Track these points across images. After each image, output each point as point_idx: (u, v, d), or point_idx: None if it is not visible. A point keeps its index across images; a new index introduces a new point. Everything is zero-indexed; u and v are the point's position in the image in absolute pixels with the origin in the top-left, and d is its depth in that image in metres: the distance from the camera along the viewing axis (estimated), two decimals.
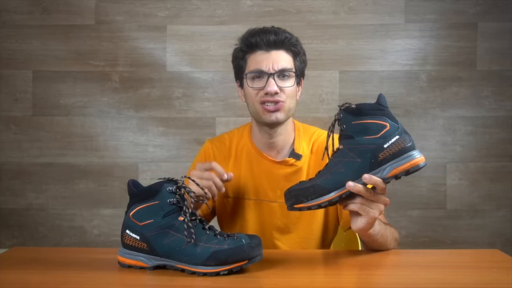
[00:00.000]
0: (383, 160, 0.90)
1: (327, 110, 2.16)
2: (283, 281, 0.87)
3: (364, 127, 0.92)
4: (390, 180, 0.91)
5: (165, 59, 2.18)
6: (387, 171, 0.90)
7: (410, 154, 0.90)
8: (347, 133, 0.94)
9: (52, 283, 0.86)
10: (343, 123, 0.95)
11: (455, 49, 2.14)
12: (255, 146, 1.28)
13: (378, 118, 0.92)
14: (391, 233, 1.11)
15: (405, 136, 0.91)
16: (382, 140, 0.90)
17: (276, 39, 1.19)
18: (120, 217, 0.95)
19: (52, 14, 2.17)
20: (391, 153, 0.90)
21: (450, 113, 2.15)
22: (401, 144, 0.90)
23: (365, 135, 0.91)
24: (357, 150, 0.91)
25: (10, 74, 2.19)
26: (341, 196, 0.91)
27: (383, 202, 0.94)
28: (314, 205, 0.92)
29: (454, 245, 2.14)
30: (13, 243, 2.18)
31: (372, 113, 0.93)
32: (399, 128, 0.91)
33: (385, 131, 0.91)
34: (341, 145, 0.94)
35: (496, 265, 0.95)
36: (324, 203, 0.91)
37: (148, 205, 0.91)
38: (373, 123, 0.92)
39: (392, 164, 0.90)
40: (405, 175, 0.91)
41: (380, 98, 0.95)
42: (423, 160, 0.91)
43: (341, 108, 0.95)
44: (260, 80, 1.19)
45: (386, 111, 0.93)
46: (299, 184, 0.95)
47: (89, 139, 2.19)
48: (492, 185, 2.15)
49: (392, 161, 0.90)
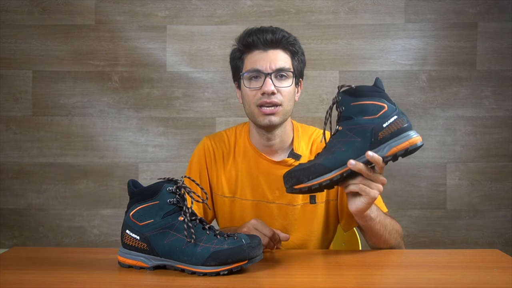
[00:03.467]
0: (383, 139, 0.92)
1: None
2: (283, 281, 0.87)
3: (363, 108, 0.94)
4: (389, 160, 0.92)
5: (165, 59, 2.18)
6: (386, 149, 0.91)
7: (408, 134, 0.92)
8: (346, 115, 0.96)
9: (52, 283, 0.86)
10: (342, 105, 0.97)
11: (455, 49, 2.14)
12: (253, 145, 1.27)
13: (376, 99, 0.94)
14: (391, 224, 1.11)
15: (402, 117, 0.93)
16: (381, 120, 0.93)
17: (273, 38, 1.17)
18: (120, 217, 0.95)
19: (52, 14, 2.18)
20: (389, 132, 0.92)
21: (450, 113, 2.15)
22: (399, 124, 0.92)
23: (364, 115, 0.94)
24: (356, 130, 0.93)
25: (10, 74, 2.19)
26: (342, 175, 0.92)
27: (381, 182, 0.95)
28: (315, 184, 0.92)
29: (454, 245, 2.14)
30: (13, 243, 2.18)
31: (370, 94, 0.95)
32: (396, 109, 0.94)
33: (384, 111, 0.93)
34: (340, 126, 0.96)
35: (496, 265, 0.95)
36: (326, 182, 0.92)
37: (148, 205, 0.91)
38: (371, 104, 0.94)
39: (391, 143, 0.91)
40: (403, 155, 0.92)
41: (377, 81, 0.97)
42: (420, 139, 0.92)
43: (340, 90, 0.97)
44: (257, 80, 1.18)
45: (383, 93, 0.96)
46: (299, 166, 0.95)
47: (89, 139, 2.19)
48: (492, 185, 2.15)
49: (391, 140, 0.92)
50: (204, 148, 1.30)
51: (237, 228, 1.14)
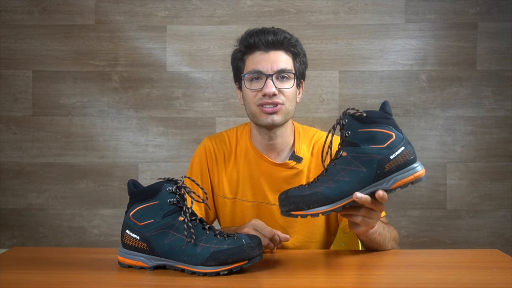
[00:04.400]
0: (389, 171, 0.89)
1: (327, 110, 2.16)
2: (283, 281, 0.87)
3: (371, 136, 0.90)
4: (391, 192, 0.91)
5: (165, 59, 2.18)
6: (391, 182, 0.89)
7: (414, 167, 0.90)
8: (351, 140, 0.91)
9: (52, 283, 0.86)
10: (348, 129, 0.92)
11: (455, 49, 2.14)
12: (255, 147, 1.26)
13: (385, 127, 0.91)
14: (389, 232, 1.11)
15: (409, 148, 0.90)
16: (389, 151, 0.89)
17: (275, 39, 1.16)
18: (120, 217, 0.95)
19: (52, 14, 2.17)
20: (396, 164, 0.89)
21: (450, 113, 2.15)
22: (406, 156, 0.89)
23: (371, 144, 0.90)
24: (362, 159, 0.89)
25: (10, 74, 2.19)
26: (344, 206, 0.90)
27: (381, 210, 0.95)
28: (315, 213, 0.89)
29: (454, 245, 2.14)
30: (13, 243, 2.18)
31: (379, 121, 0.91)
32: (404, 139, 0.91)
33: (391, 141, 0.90)
34: (344, 151, 0.91)
35: (496, 265, 0.95)
36: (326, 212, 0.89)
37: (148, 205, 0.91)
38: (379, 132, 0.90)
39: (397, 176, 0.89)
40: (405, 186, 0.91)
41: (385, 106, 0.93)
42: (424, 172, 0.91)
43: (348, 113, 0.92)
44: (258, 81, 1.17)
45: (391, 120, 0.92)
46: (298, 190, 0.91)
47: (89, 139, 2.19)
48: (492, 185, 2.15)
49: (397, 172, 0.89)
50: (205, 149, 1.30)
51: (237, 228, 1.14)
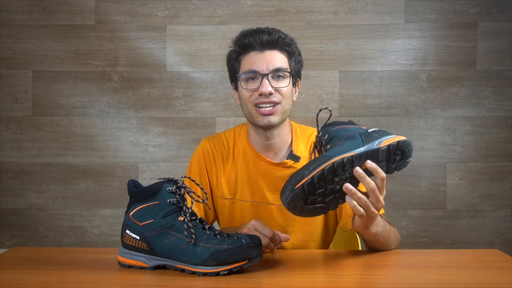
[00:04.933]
0: (372, 137, 0.93)
1: (327, 110, 2.15)
2: (283, 281, 0.87)
3: (345, 129, 0.98)
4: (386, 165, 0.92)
5: (165, 59, 2.18)
6: (378, 142, 0.91)
7: (391, 134, 0.95)
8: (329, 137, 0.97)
9: (52, 283, 0.86)
10: (324, 135, 0.98)
11: (455, 49, 2.14)
12: (252, 147, 1.26)
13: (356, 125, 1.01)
14: (393, 234, 1.10)
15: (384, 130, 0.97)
16: (365, 129, 0.96)
17: (269, 39, 1.17)
18: (120, 217, 0.95)
19: (52, 14, 2.18)
20: (376, 133, 0.94)
21: (450, 113, 2.15)
22: (383, 131, 0.95)
23: (347, 131, 0.96)
24: (345, 138, 0.94)
25: (10, 74, 2.19)
26: (343, 160, 0.87)
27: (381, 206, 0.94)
28: (318, 172, 0.85)
29: (454, 245, 2.14)
30: (13, 243, 2.18)
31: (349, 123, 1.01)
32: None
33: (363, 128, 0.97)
34: (328, 145, 0.96)
35: (496, 265, 0.95)
36: (328, 166, 0.86)
37: (148, 205, 0.91)
38: (351, 126, 0.99)
39: (382, 137, 0.92)
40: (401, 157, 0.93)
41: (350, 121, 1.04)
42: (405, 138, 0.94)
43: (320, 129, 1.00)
44: (254, 81, 1.17)
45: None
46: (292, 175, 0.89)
47: (89, 139, 2.19)
48: (492, 185, 2.15)
49: (381, 136, 0.93)
50: (203, 150, 1.30)
51: (237, 228, 1.14)
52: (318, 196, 0.87)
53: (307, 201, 0.87)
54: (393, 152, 0.92)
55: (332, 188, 0.88)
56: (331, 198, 0.89)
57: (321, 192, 0.87)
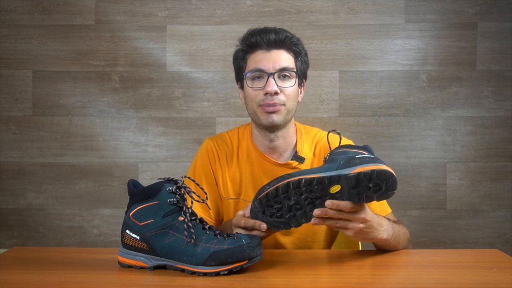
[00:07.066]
0: (351, 163, 0.92)
1: (327, 110, 2.16)
2: (283, 281, 0.87)
3: (345, 152, 0.99)
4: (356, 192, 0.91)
5: (165, 59, 2.18)
6: (352, 169, 0.91)
7: (380, 163, 0.92)
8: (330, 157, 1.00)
9: (52, 283, 0.86)
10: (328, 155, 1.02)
11: (455, 49, 2.14)
12: (257, 147, 1.26)
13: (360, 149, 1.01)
14: (403, 234, 1.10)
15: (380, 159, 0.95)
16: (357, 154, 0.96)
17: (276, 38, 1.17)
18: (120, 217, 0.95)
19: (51, 14, 2.17)
20: (361, 160, 0.92)
21: (450, 113, 2.15)
22: (375, 158, 0.94)
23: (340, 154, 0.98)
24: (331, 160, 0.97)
25: (10, 74, 2.19)
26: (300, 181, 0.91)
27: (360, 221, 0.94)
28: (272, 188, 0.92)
29: (454, 245, 2.14)
30: (13, 243, 2.18)
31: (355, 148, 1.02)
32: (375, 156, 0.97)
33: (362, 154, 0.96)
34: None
35: (496, 265, 0.95)
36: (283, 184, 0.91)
37: (148, 205, 0.91)
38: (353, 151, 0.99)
39: (361, 165, 0.91)
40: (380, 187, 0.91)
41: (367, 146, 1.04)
42: (391, 170, 0.92)
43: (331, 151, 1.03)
44: (260, 80, 1.17)
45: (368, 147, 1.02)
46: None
47: (89, 139, 2.19)
48: (492, 185, 2.15)
49: (362, 164, 0.92)
50: (207, 149, 1.29)
51: (226, 224, 1.16)
52: (277, 211, 0.94)
53: (265, 212, 0.94)
54: (366, 180, 0.90)
55: (291, 206, 0.93)
56: (291, 215, 0.94)
57: (279, 207, 0.93)
